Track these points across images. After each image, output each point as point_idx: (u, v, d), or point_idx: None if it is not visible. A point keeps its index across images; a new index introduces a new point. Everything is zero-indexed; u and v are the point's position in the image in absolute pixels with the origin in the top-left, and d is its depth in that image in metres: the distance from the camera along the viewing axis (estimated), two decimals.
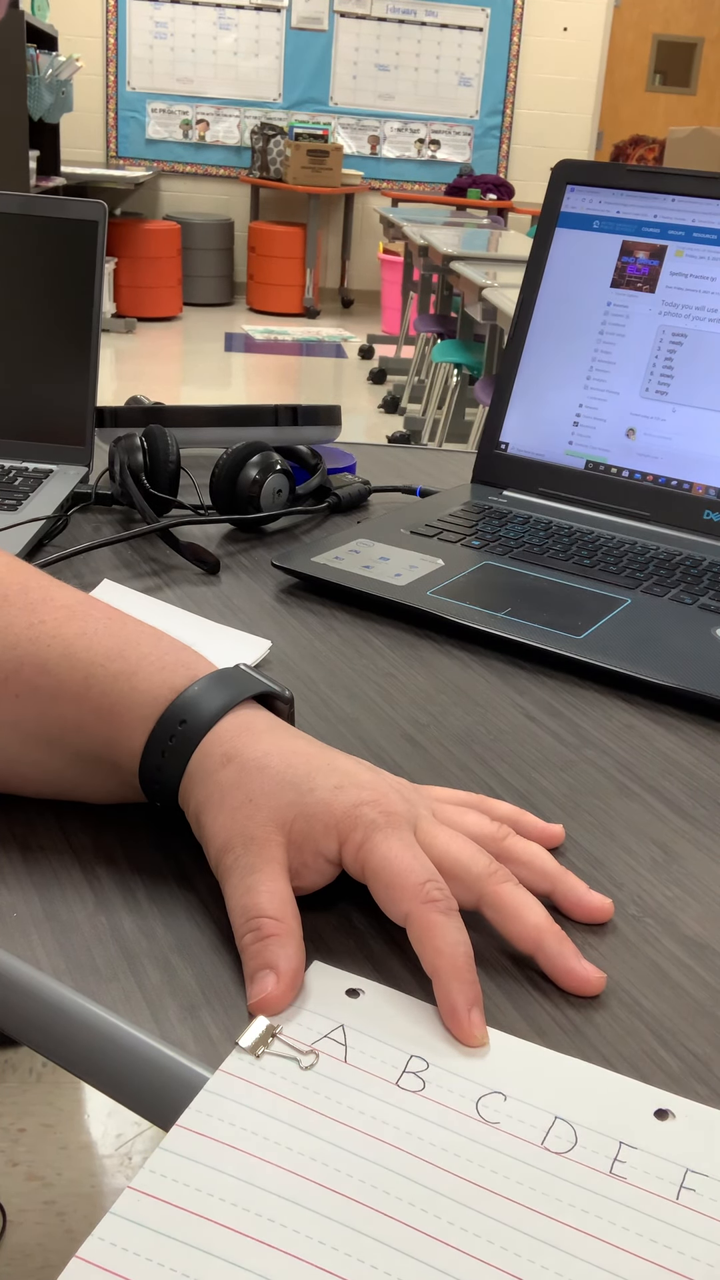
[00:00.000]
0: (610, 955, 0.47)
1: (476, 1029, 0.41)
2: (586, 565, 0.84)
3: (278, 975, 0.42)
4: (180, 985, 0.43)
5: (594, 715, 0.67)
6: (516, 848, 0.48)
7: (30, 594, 0.52)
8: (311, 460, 0.98)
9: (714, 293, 0.92)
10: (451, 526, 0.90)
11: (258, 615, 0.77)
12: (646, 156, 6.61)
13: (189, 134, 7.20)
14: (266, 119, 7.13)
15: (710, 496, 0.91)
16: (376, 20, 7.10)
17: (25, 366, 0.98)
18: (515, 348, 1.00)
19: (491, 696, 0.68)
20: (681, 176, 0.94)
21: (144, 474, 0.88)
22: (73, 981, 0.43)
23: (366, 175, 7.30)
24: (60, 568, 0.81)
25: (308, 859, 0.45)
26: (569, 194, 0.98)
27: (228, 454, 0.89)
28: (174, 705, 0.48)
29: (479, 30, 7.18)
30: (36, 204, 0.97)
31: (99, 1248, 0.32)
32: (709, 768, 0.62)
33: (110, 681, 0.49)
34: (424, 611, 0.75)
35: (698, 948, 0.48)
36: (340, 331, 6.79)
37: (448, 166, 7.40)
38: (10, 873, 0.49)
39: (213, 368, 5.85)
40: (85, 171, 6.36)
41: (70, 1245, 1.35)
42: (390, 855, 0.44)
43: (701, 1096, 0.40)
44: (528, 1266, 0.33)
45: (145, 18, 6.91)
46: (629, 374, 0.94)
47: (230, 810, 0.46)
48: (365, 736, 0.62)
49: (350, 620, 0.77)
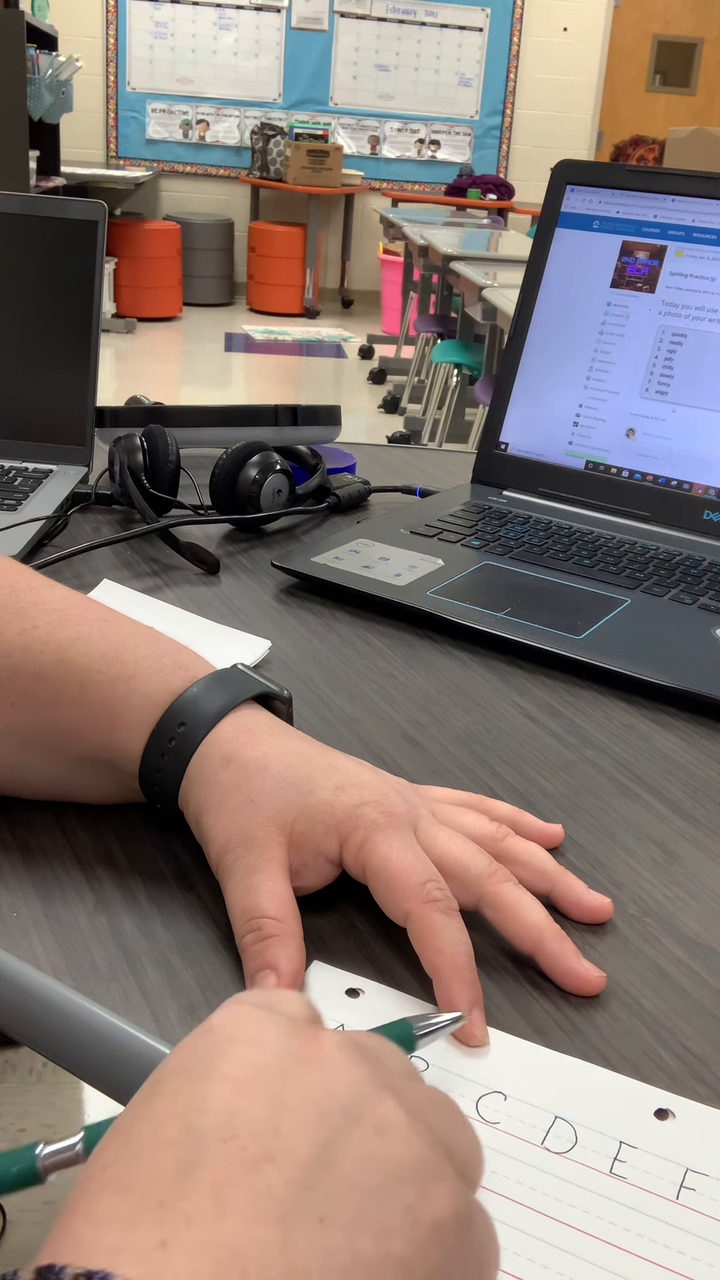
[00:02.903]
0: (610, 955, 0.47)
1: (477, 1029, 0.41)
2: (586, 565, 0.84)
3: (279, 976, 0.42)
4: (180, 985, 0.43)
5: (594, 715, 0.67)
6: (516, 848, 0.48)
7: (21, 597, 0.52)
8: (311, 460, 0.98)
9: (714, 293, 0.92)
10: (451, 526, 0.90)
11: (258, 615, 0.77)
12: (646, 156, 6.61)
13: (189, 134, 7.20)
14: (266, 119, 7.12)
15: (710, 496, 0.91)
16: (376, 20, 7.10)
17: (25, 366, 0.98)
18: (515, 348, 1.00)
19: (491, 696, 0.68)
20: (681, 176, 0.94)
21: (144, 474, 0.88)
22: (73, 981, 0.43)
23: (366, 175, 7.30)
24: (60, 568, 0.81)
25: (308, 859, 0.45)
26: (569, 194, 0.98)
27: (228, 454, 0.89)
28: (173, 708, 0.48)
29: (479, 30, 7.18)
30: (36, 204, 0.97)
31: None
32: (709, 768, 0.62)
33: (108, 686, 0.49)
34: (424, 611, 0.75)
35: (698, 948, 0.48)
36: (340, 331, 6.79)
37: (448, 166, 7.39)
38: (10, 873, 0.49)
39: (213, 368, 5.85)
40: (85, 171, 6.36)
41: None
42: (391, 855, 0.44)
43: (701, 1096, 0.40)
44: (528, 1266, 0.33)
45: (145, 18, 6.91)
46: (629, 374, 0.94)
47: (231, 811, 0.46)
48: (365, 736, 0.62)
49: (350, 620, 0.77)
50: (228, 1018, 0.30)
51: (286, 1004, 0.31)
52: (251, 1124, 0.26)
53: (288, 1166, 0.26)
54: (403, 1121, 0.28)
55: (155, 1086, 0.28)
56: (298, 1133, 0.26)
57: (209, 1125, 0.26)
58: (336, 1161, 0.26)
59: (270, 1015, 0.30)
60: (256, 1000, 0.31)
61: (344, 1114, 0.27)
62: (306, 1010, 0.32)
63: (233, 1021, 0.30)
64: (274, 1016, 0.30)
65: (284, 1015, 0.30)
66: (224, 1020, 0.30)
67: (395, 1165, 0.27)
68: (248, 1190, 0.25)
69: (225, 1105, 0.27)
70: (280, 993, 0.32)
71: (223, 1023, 0.30)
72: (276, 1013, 0.30)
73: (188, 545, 0.83)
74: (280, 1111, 0.27)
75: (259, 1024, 0.30)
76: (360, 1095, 0.28)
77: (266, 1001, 0.31)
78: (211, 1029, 0.30)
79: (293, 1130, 0.27)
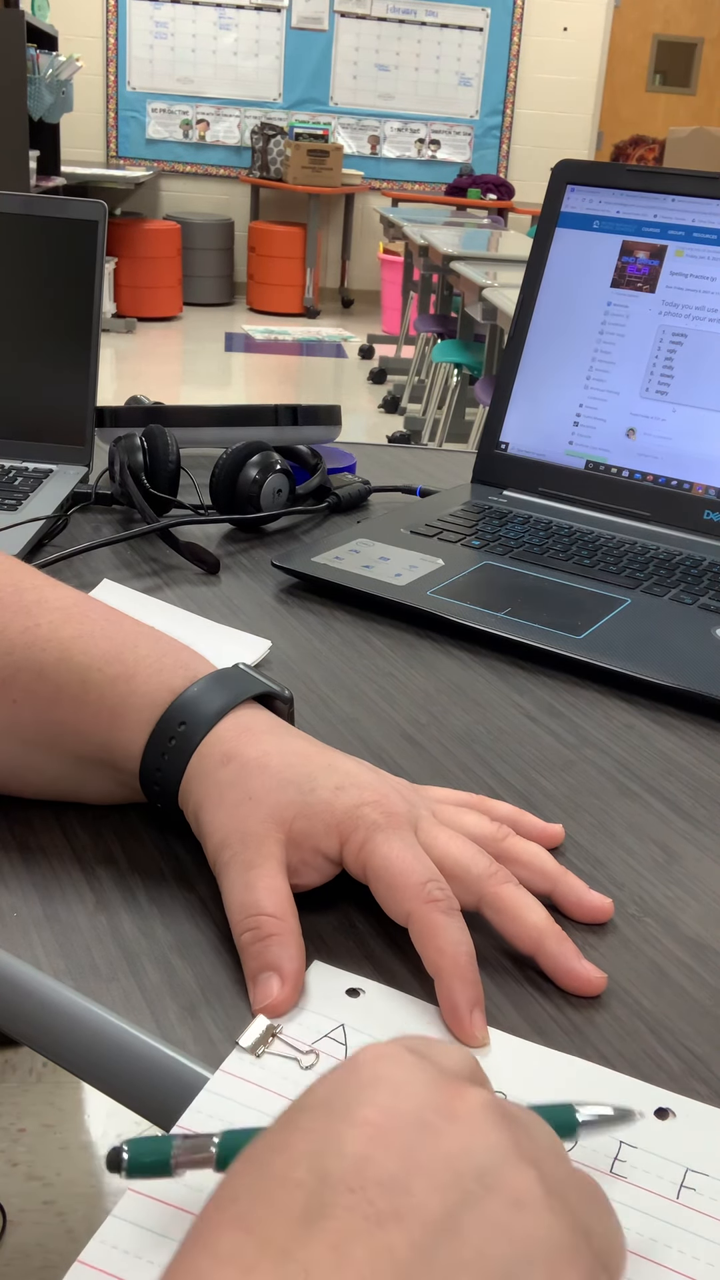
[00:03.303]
0: (610, 955, 0.47)
1: (478, 1029, 0.41)
2: (586, 565, 0.84)
3: (282, 978, 0.42)
4: (180, 985, 0.43)
5: (594, 715, 0.67)
6: (516, 848, 0.48)
7: (24, 595, 0.52)
8: (311, 460, 0.98)
9: (714, 293, 0.92)
10: (451, 526, 0.90)
11: (258, 615, 0.77)
12: (646, 156, 6.61)
13: (189, 134, 7.20)
14: (266, 119, 7.13)
15: (710, 496, 0.91)
16: (376, 20, 7.10)
17: (25, 366, 0.98)
18: (515, 348, 1.00)
19: (491, 696, 0.68)
20: (681, 176, 0.94)
21: (144, 474, 0.88)
22: (73, 981, 0.43)
23: (366, 175, 7.30)
24: (60, 568, 0.81)
25: (307, 857, 0.45)
26: (569, 194, 0.98)
27: (228, 454, 0.89)
28: (173, 707, 0.48)
29: (479, 30, 7.18)
30: (36, 204, 0.97)
31: (101, 1251, 0.32)
32: (709, 768, 0.62)
33: (109, 685, 0.49)
34: (424, 611, 0.75)
35: (698, 948, 0.48)
36: (340, 331, 6.79)
37: (448, 166, 7.39)
38: (10, 873, 0.49)
39: (213, 368, 5.85)
40: (85, 171, 6.36)
41: (70, 1245, 1.35)
42: (392, 855, 0.44)
43: (701, 1096, 0.40)
44: None
45: (145, 18, 6.91)
46: (629, 374, 0.94)
47: (230, 807, 0.46)
48: (365, 736, 0.62)
49: (350, 620, 0.77)
50: (375, 1056, 0.29)
51: (441, 1053, 0.30)
52: (382, 1177, 0.26)
53: (413, 1228, 0.25)
54: (541, 1197, 0.26)
55: (294, 1117, 0.28)
56: (428, 1193, 0.25)
57: (339, 1172, 0.26)
58: (464, 1229, 0.25)
59: (419, 1062, 0.29)
60: (411, 1043, 0.30)
61: (479, 1179, 0.26)
62: (462, 1063, 0.30)
63: (379, 1061, 0.29)
64: (422, 1064, 0.29)
65: (434, 1064, 0.29)
66: (371, 1059, 0.29)
67: (527, 1243, 0.25)
68: (369, 1248, 0.24)
69: (358, 1152, 0.26)
70: (439, 1041, 0.31)
71: (369, 1061, 0.29)
72: (426, 1060, 0.29)
73: (188, 545, 0.83)
74: (413, 1168, 0.26)
75: (405, 1069, 0.28)
76: (499, 1162, 0.26)
77: (421, 1047, 0.30)
78: (357, 1066, 0.29)
79: (424, 1189, 0.25)
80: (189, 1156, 0.32)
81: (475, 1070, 0.31)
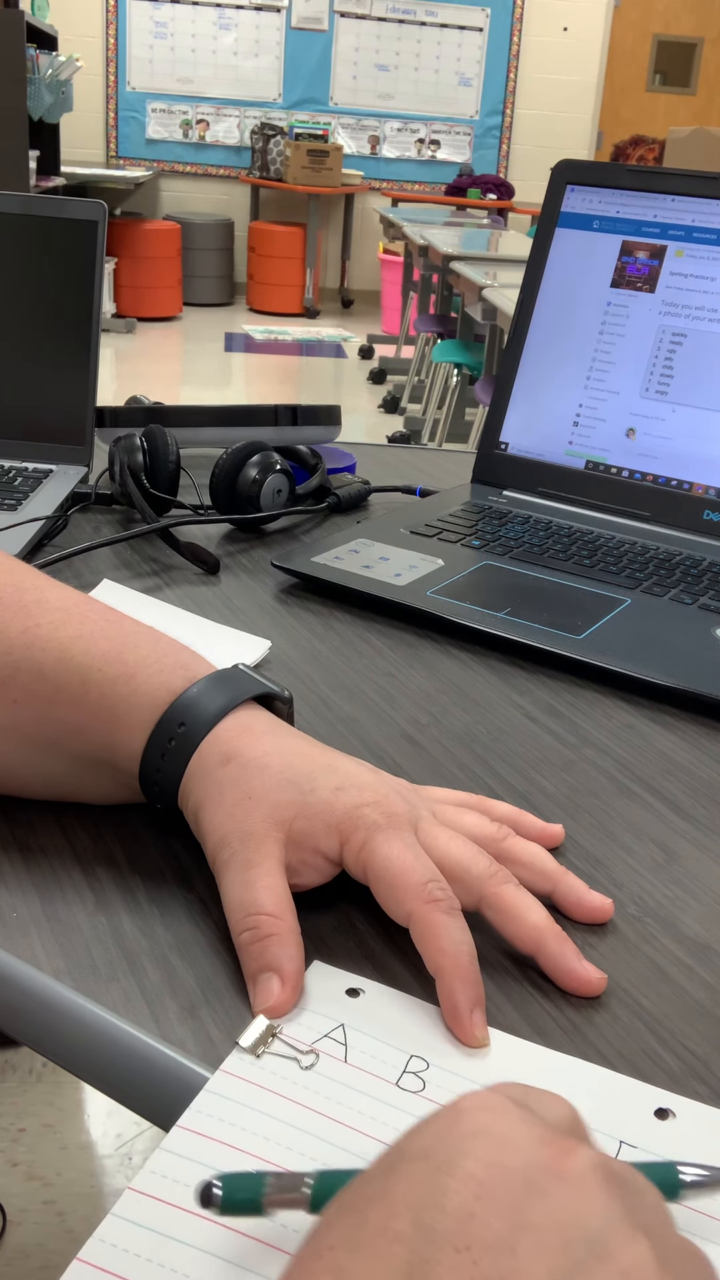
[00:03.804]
0: (610, 955, 0.47)
1: (478, 1029, 0.41)
2: (586, 565, 0.84)
3: (282, 978, 0.42)
4: (180, 985, 0.43)
5: (594, 715, 0.67)
6: (516, 848, 0.48)
7: (25, 595, 0.52)
8: (311, 460, 0.98)
9: (714, 293, 0.92)
10: (451, 526, 0.90)
11: (258, 615, 0.77)
12: (646, 156, 6.61)
13: (189, 134, 7.20)
14: (266, 119, 7.12)
15: (710, 496, 0.91)
16: (376, 20, 7.10)
17: (25, 366, 0.98)
18: (515, 348, 1.00)
19: (491, 696, 0.68)
20: (681, 176, 0.94)
21: (144, 474, 0.88)
22: (73, 981, 0.43)
23: (366, 175, 7.30)
24: (60, 568, 0.81)
25: (306, 856, 0.45)
26: (569, 194, 0.98)
27: (228, 454, 0.89)
28: (173, 708, 0.48)
29: (479, 30, 7.18)
30: (36, 204, 0.97)
31: (100, 1249, 0.32)
32: (709, 768, 0.62)
33: (109, 685, 0.49)
34: (424, 611, 0.75)
35: (698, 948, 0.48)
36: (340, 331, 6.79)
37: (448, 166, 7.40)
38: (10, 873, 0.49)
39: (213, 368, 5.85)
40: (85, 171, 6.36)
41: (70, 1245, 1.35)
42: (392, 856, 0.44)
43: (701, 1096, 0.40)
44: None
45: (145, 18, 6.91)
46: (629, 374, 0.94)
47: (229, 807, 0.46)
48: (365, 736, 0.62)
49: (350, 620, 0.77)
50: (479, 1105, 0.28)
51: (546, 1105, 0.29)
52: (488, 1238, 0.24)
53: None
54: (653, 1269, 0.24)
55: (395, 1164, 0.27)
56: (536, 1258, 0.24)
57: (443, 1229, 0.24)
58: None
59: (524, 1115, 0.28)
60: (515, 1094, 0.29)
61: (589, 1247, 0.25)
62: (565, 1116, 0.29)
63: (483, 1111, 0.27)
64: (527, 1118, 0.27)
65: (539, 1117, 0.28)
66: (474, 1107, 0.28)
67: None
68: None
69: (464, 1209, 0.25)
70: (540, 1091, 0.30)
71: (472, 1109, 0.27)
72: (532, 1113, 0.28)
73: (188, 545, 0.83)
74: (520, 1230, 0.25)
75: (511, 1122, 0.27)
76: (610, 1229, 0.25)
77: (523, 1097, 0.29)
78: (460, 1114, 0.27)
79: (531, 1254, 0.24)
80: (281, 1196, 0.31)
81: (576, 1123, 0.30)
